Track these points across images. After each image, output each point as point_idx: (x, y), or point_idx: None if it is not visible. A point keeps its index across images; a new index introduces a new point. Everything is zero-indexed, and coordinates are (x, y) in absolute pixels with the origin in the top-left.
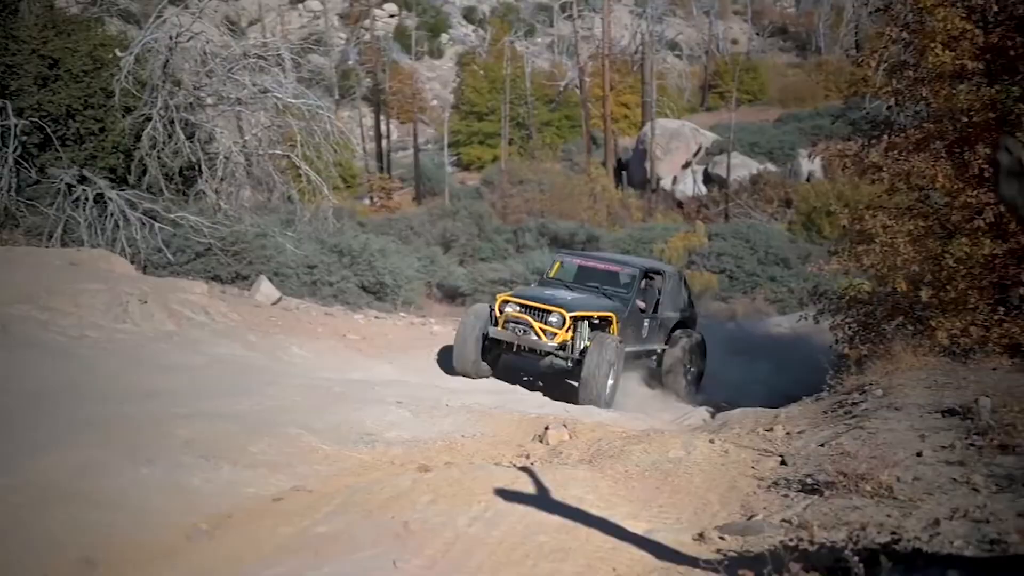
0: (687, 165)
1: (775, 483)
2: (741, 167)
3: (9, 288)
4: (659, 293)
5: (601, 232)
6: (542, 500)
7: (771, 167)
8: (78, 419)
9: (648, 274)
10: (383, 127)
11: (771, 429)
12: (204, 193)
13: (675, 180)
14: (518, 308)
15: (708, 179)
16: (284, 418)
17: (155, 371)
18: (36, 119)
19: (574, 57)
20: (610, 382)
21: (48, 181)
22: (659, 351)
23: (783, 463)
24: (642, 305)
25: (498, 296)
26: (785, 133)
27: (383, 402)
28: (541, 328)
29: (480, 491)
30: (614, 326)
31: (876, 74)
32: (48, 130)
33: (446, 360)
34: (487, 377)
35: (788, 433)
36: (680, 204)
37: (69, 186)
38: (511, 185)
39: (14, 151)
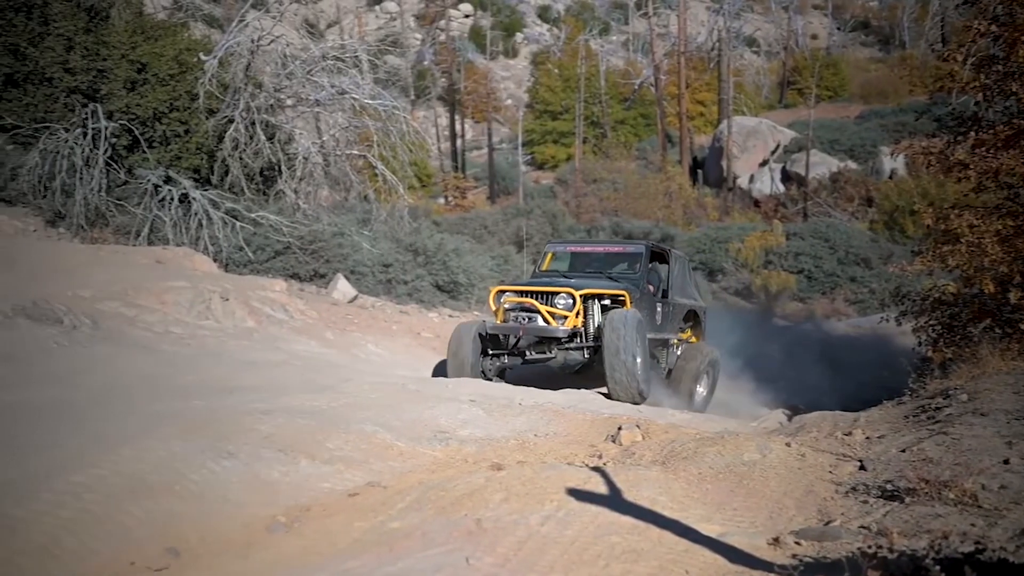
0: (764, 163)
1: (853, 488)
2: (820, 165)
3: (99, 285)
4: (667, 276)
5: (676, 231)
6: (614, 500)
7: (852, 165)
8: (163, 412)
9: (654, 253)
10: (458, 127)
11: (850, 433)
12: (283, 193)
13: (752, 178)
14: (518, 295)
15: (786, 177)
16: (360, 415)
17: (236, 367)
18: (125, 122)
19: (649, 55)
20: (638, 360)
21: (136, 181)
22: (675, 342)
23: (862, 468)
24: (651, 288)
25: (491, 288)
26: (867, 130)
27: (456, 400)
28: (549, 311)
29: (552, 490)
30: (627, 306)
31: (963, 69)
32: (136, 132)
33: None
34: None
35: (868, 437)
36: (757, 203)
37: (155, 186)
38: (585, 184)
39: (104, 153)
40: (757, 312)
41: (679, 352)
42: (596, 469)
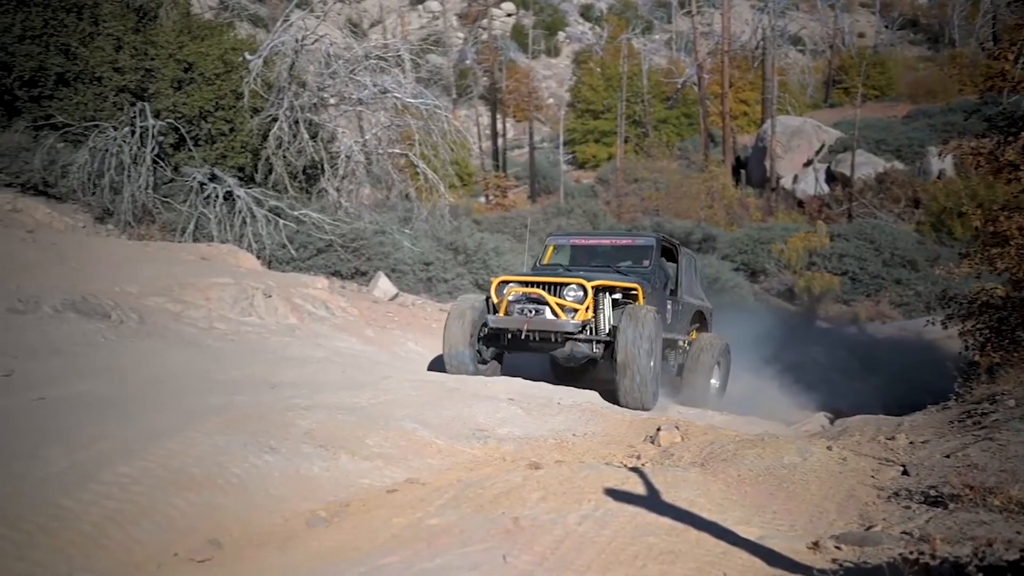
0: (809, 163)
1: (896, 493)
2: (866, 165)
3: (146, 281)
4: (675, 274)
5: (718, 231)
6: (652, 501)
7: (899, 165)
8: (206, 407)
9: (664, 246)
10: (499, 126)
11: (893, 438)
12: (326, 191)
13: (796, 179)
14: (524, 286)
15: (831, 178)
16: (399, 412)
17: (278, 363)
18: (172, 120)
19: (692, 54)
20: (652, 365)
21: (182, 179)
22: (683, 344)
23: (905, 473)
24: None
25: (493, 279)
26: (914, 130)
27: (495, 398)
28: (558, 303)
29: (590, 490)
30: (640, 301)
31: (1014, 68)
32: (182, 131)
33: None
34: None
35: (911, 442)
36: (801, 203)
37: (201, 184)
38: (626, 183)
39: (152, 151)
40: (800, 314)
41: (688, 347)
42: (634, 470)
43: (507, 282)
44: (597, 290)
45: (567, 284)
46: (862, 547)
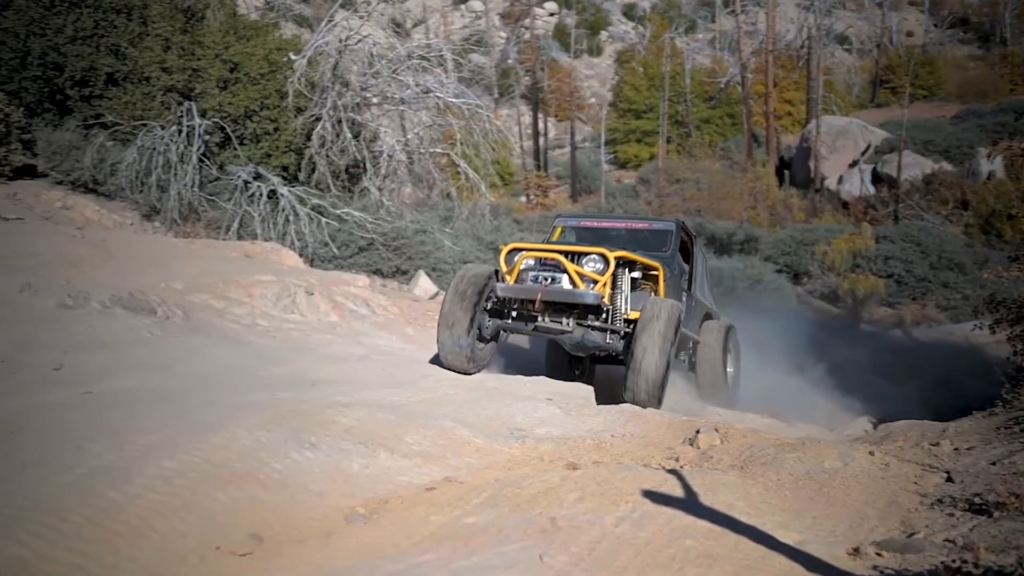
0: (854, 164)
1: (939, 500)
2: (914, 166)
3: (191, 278)
4: (690, 268)
5: (761, 233)
6: (690, 504)
7: (947, 166)
8: (249, 403)
9: (683, 234)
10: (541, 125)
11: (937, 444)
12: (368, 190)
13: (841, 179)
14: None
15: (877, 179)
16: (438, 411)
17: (319, 360)
18: (217, 119)
19: (736, 53)
20: (667, 367)
21: (227, 178)
22: (691, 344)
23: (949, 480)
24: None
25: (503, 247)
26: (963, 130)
27: (534, 398)
28: (577, 272)
29: (628, 491)
30: (660, 285)
31: None
32: (228, 130)
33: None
34: (482, 368)
35: (956, 449)
36: (846, 205)
37: (245, 182)
38: (668, 184)
39: (198, 149)
40: (843, 317)
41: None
42: (672, 472)
43: (519, 249)
44: (617, 264)
45: (587, 253)
46: (904, 554)
